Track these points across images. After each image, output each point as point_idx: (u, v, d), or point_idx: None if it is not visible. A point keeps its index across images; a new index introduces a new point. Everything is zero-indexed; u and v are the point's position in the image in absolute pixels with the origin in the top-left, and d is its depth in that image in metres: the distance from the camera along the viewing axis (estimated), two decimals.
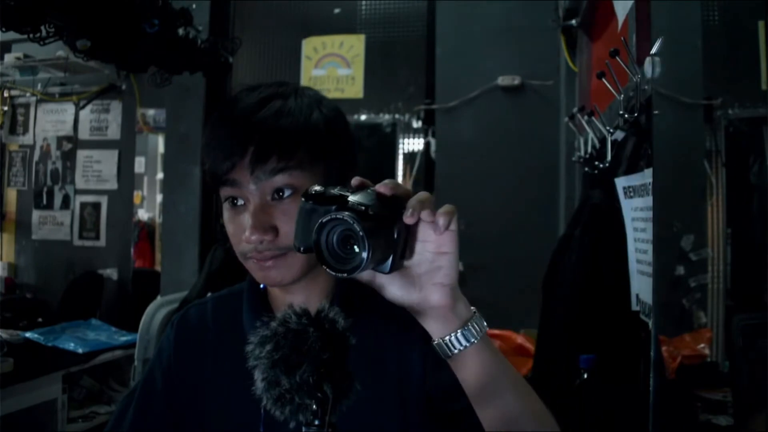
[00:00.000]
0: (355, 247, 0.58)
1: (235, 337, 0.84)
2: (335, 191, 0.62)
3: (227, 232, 0.81)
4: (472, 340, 0.64)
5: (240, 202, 0.78)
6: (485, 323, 0.66)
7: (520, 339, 2.25)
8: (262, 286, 0.89)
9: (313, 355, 0.53)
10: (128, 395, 0.94)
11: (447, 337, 0.64)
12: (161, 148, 3.79)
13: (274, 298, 0.89)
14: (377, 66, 3.00)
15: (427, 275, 0.63)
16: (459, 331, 0.64)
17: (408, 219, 0.60)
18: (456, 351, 0.64)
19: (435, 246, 0.62)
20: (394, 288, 0.64)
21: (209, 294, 1.12)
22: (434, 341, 0.66)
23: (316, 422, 0.53)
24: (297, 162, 0.76)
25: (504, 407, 0.67)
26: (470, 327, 0.65)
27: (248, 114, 0.77)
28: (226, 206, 0.80)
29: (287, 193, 0.76)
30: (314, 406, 0.53)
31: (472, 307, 0.67)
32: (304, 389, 0.53)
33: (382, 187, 0.62)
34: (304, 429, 0.53)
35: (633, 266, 1.26)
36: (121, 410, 0.92)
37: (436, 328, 0.65)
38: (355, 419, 0.57)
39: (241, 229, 0.77)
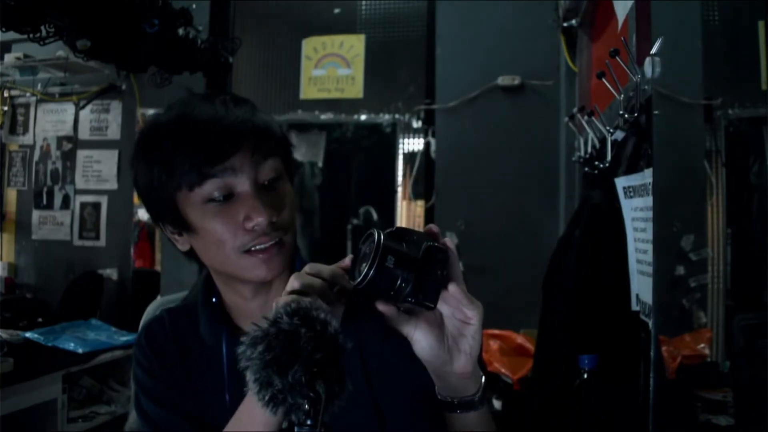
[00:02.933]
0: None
1: (197, 348, 0.89)
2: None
3: (211, 235, 0.80)
4: (477, 408, 0.73)
5: (224, 196, 0.79)
6: (486, 397, 0.75)
7: (520, 339, 2.24)
8: (213, 299, 0.91)
9: (305, 355, 0.53)
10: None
11: (456, 400, 0.73)
12: None
13: (231, 308, 0.90)
14: (377, 66, 3.00)
15: (453, 340, 0.69)
16: (468, 398, 0.73)
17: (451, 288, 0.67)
18: (458, 412, 0.73)
19: (463, 316, 0.69)
20: (424, 343, 0.70)
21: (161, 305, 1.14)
22: (440, 395, 0.74)
23: (309, 422, 0.53)
24: (280, 149, 0.84)
25: None
26: (478, 397, 0.73)
27: (226, 111, 0.81)
28: (205, 207, 0.79)
29: (276, 178, 0.82)
30: (306, 406, 0.53)
31: (482, 378, 0.74)
32: (297, 389, 0.53)
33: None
34: (296, 429, 0.53)
35: (633, 266, 1.25)
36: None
37: (448, 389, 0.73)
38: (344, 418, 0.57)
39: (234, 222, 0.79)
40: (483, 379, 0.74)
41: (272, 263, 0.80)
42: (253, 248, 0.79)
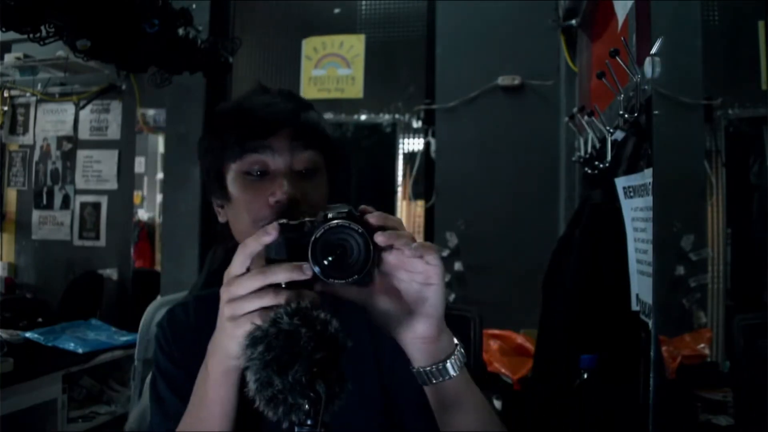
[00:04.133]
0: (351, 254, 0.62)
1: None
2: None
3: (241, 205, 0.84)
4: (452, 373, 0.68)
5: (260, 172, 0.83)
6: (465, 357, 0.70)
7: (520, 339, 2.25)
8: None
9: (305, 355, 0.53)
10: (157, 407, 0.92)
11: (428, 368, 0.68)
12: (161, 148, 3.79)
13: None
14: (377, 66, 3.00)
15: (414, 305, 0.67)
16: (440, 364, 0.68)
17: (380, 239, 0.64)
18: (434, 382, 0.68)
19: (423, 278, 0.65)
20: (380, 314, 0.68)
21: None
22: (414, 368, 0.70)
23: (309, 422, 0.53)
24: (323, 146, 0.87)
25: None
26: (451, 362, 0.68)
27: (279, 101, 0.88)
28: (242, 179, 0.84)
29: (311, 170, 0.85)
30: (307, 406, 0.53)
31: (455, 340, 0.70)
32: (297, 389, 0.53)
33: (372, 218, 0.66)
34: (296, 429, 0.53)
35: (633, 266, 1.25)
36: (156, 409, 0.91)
37: (418, 357, 0.69)
38: (342, 417, 0.58)
39: (261, 195, 0.82)
40: (456, 343, 0.70)
41: None
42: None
